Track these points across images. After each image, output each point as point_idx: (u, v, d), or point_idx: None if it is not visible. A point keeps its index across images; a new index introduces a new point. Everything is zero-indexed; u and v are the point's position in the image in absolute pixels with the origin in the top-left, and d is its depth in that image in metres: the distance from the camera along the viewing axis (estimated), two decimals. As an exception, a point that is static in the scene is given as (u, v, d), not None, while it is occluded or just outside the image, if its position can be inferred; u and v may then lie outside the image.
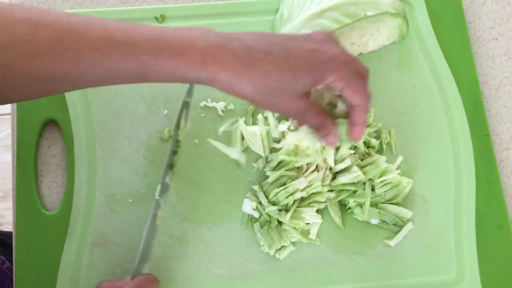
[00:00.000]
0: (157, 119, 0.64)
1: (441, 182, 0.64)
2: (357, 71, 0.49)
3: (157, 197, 0.55)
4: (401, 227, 0.62)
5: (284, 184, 0.60)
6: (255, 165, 0.63)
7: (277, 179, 0.61)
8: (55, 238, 0.60)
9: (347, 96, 0.50)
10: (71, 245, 0.59)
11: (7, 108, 0.66)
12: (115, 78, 0.47)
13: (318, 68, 0.47)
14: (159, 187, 0.56)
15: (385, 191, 0.61)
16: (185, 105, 0.58)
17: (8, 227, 1.35)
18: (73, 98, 0.64)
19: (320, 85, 0.49)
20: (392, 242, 0.61)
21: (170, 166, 0.57)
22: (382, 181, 0.61)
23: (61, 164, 0.64)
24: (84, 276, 0.59)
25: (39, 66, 0.44)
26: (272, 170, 0.61)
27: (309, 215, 0.60)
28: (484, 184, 0.64)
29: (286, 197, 0.59)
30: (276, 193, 0.59)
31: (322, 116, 0.51)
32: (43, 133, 0.64)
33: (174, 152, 0.57)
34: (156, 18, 0.67)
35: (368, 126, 0.64)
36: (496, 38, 0.72)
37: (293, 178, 0.60)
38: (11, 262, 0.61)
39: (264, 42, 0.47)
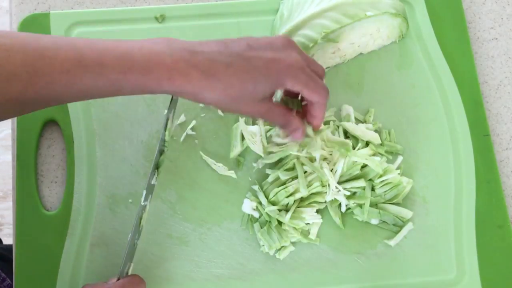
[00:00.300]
0: (157, 119, 0.64)
1: (441, 182, 0.64)
2: (312, 74, 0.53)
3: (142, 203, 0.56)
4: (401, 227, 0.62)
5: (284, 183, 0.60)
6: (255, 165, 0.63)
7: (276, 179, 0.61)
8: (55, 238, 0.60)
9: (306, 96, 0.53)
10: (71, 245, 0.60)
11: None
12: (88, 96, 0.49)
13: (277, 76, 0.51)
14: (144, 192, 0.56)
15: (385, 191, 0.61)
16: (173, 104, 0.58)
17: (8, 227, 1.35)
18: (73, 98, 0.64)
19: (279, 89, 0.52)
20: (392, 242, 0.61)
21: (156, 166, 0.58)
22: (382, 181, 0.61)
23: (61, 164, 0.64)
24: (84, 276, 0.59)
25: (12, 90, 0.45)
26: (271, 168, 0.61)
27: (309, 215, 0.60)
28: (484, 184, 0.64)
29: (286, 197, 0.59)
30: (276, 193, 0.59)
31: (285, 115, 0.54)
32: (43, 133, 0.64)
33: (161, 152, 0.58)
34: (156, 18, 0.67)
35: (366, 122, 0.65)
36: (496, 38, 0.72)
37: (293, 178, 0.60)
38: (11, 278, 0.60)
39: (226, 53, 0.50)
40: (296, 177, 0.60)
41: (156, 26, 0.67)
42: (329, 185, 0.60)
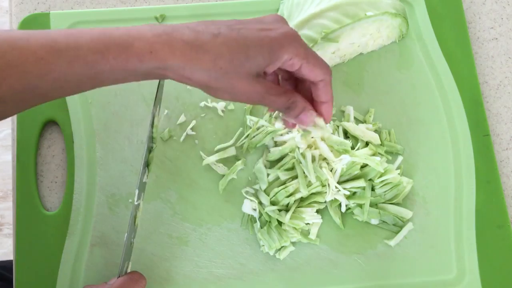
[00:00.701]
0: (157, 119, 0.64)
1: (441, 182, 0.64)
2: (308, 47, 0.48)
3: (135, 202, 0.55)
4: (401, 227, 0.62)
5: (284, 183, 0.60)
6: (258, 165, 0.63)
7: (276, 179, 0.61)
8: (55, 238, 0.60)
9: (307, 73, 0.48)
10: (71, 245, 0.60)
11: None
12: (66, 87, 0.46)
13: (270, 46, 0.46)
14: (136, 191, 0.55)
15: (385, 191, 0.61)
16: (158, 101, 0.57)
17: (8, 227, 1.35)
18: (73, 98, 0.64)
19: (275, 65, 0.47)
20: (392, 242, 0.61)
21: (146, 164, 0.57)
22: (382, 181, 0.61)
23: (61, 164, 0.64)
24: (84, 276, 0.59)
25: None
26: (271, 168, 0.61)
27: (309, 215, 0.60)
28: (484, 184, 0.64)
29: (286, 197, 0.59)
30: (276, 193, 0.59)
31: (287, 94, 0.49)
32: (43, 133, 0.64)
33: (150, 149, 0.57)
34: (156, 18, 0.67)
35: (366, 122, 0.65)
36: (496, 38, 0.72)
37: (293, 178, 0.60)
38: None
39: (213, 26, 0.46)
40: (296, 177, 0.60)
41: (156, 26, 0.67)
42: (329, 185, 0.60)
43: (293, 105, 0.49)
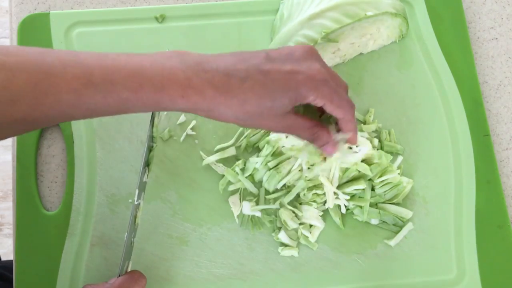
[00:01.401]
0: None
1: (441, 182, 0.64)
2: (336, 87, 0.50)
3: (135, 202, 0.55)
4: (401, 227, 0.62)
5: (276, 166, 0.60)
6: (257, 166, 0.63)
7: (266, 163, 0.60)
8: (55, 238, 0.60)
9: (330, 112, 0.51)
10: (71, 245, 0.60)
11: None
12: (97, 114, 0.47)
13: (296, 89, 0.48)
14: (136, 191, 0.55)
15: (385, 191, 0.61)
16: None
17: (8, 227, 1.35)
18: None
19: (301, 103, 0.49)
20: (392, 242, 0.61)
21: (147, 163, 0.57)
22: (382, 181, 0.61)
23: (61, 164, 0.64)
24: (84, 276, 0.59)
25: (18, 111, 0.43)
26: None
27: (314, 217, 0.60)
28: (484, 184, 0.64)
29: (280, 181, 0.59)
30: (268, 176, 0.59)
31: (313, 128, 0.51)
32: (43, 133, 0.64)
33: (150, 149, 0.58)
34: (156, 18, 0.67)
35: (366, 122, 0.65)
36: (496, 38, 0.72)
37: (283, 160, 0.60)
38: None
39: (242, 66, 0.47)
40: (283, 161, 0.60)
41: (156, 26, 0.67)
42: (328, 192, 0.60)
43: (317, 138, 0.52)
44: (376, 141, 0.63)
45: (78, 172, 0.62)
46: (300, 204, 0.61)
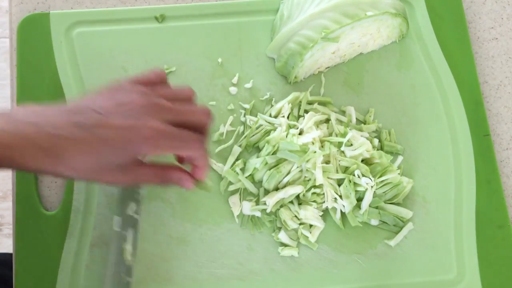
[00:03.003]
0: (157, 119, 0.64)
1: (441, 182, 0.64)
2: (176, 130, 0.48)
3: (116, 229, 0.54)
4: (401, 227, 0.62)
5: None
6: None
7: (265, 163, 0.60)
8: (55, 238, 0.60)
9: (180, 156, 0.52)
10: (71, 245, 0.59)
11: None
12: None
13: (130, 146, 0.47)
14: (116, 218, 0.54)
15: (385, 191, 0.61)
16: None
17: (8, 227, 1.35)
18: (73, 96, 0.64)
19: (139, 156, 0.48)
20: (392, 242, 0.61)
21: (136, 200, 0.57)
22: (382, 181, 0.61)
23: (61, 164, 0.64)
24: (84, 276, 0.59)
25: None
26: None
27: (314, 217, 0.60)
28: (484, 184, 0.64)
29: (280, 180, 0.59)
30: (269, 176, 0.59)
31: (158, 174, 0.51)
32: (43, 133, 0.64)
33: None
34: (156, 18, 0.67)
35: (366, 122, 0.65)
36: (496, 38, 0.72)
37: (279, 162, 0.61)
38: None
39: (71, 124, 0.45)
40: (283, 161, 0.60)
41: (156, 26, 0.67)
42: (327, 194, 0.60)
43: (167, 180, 0.51)
44: (376, 141, 0.63)
45: (78, 172, 0.62)
46: (300, 204, 0.61)
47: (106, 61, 0.65)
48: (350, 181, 0.60)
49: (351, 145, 0.61)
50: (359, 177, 0.60)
